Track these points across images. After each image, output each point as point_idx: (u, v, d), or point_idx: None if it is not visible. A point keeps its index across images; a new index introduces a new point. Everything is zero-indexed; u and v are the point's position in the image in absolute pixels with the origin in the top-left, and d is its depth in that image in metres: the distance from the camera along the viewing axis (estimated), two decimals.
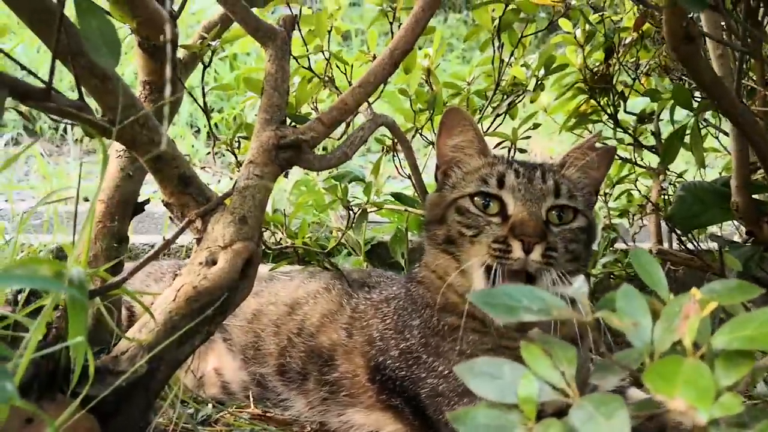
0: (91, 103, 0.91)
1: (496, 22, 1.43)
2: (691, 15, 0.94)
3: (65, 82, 3.59)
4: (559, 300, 0.64)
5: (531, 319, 0.62)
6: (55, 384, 0.85)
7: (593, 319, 0.63)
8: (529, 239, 1.12)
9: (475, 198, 1.19)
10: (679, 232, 1.71)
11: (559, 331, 1.13)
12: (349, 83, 1.44)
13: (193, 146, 3.93)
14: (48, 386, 0.84)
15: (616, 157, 1.95)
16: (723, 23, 1.31)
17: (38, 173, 3.24)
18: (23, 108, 0.86)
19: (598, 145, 1.28)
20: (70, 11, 0.76)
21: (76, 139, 3.74)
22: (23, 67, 0.77)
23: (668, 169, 1.92)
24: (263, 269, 1.52)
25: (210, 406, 1.26)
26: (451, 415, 0.60)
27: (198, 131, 3.94)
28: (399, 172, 1.52)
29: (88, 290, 0.83)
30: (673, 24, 0.90)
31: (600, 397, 0.57)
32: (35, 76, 0.79)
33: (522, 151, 1.55)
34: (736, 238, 2.12)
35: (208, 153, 2.27)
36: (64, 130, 3.80)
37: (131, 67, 3.62)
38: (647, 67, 1.87)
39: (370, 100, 1.27)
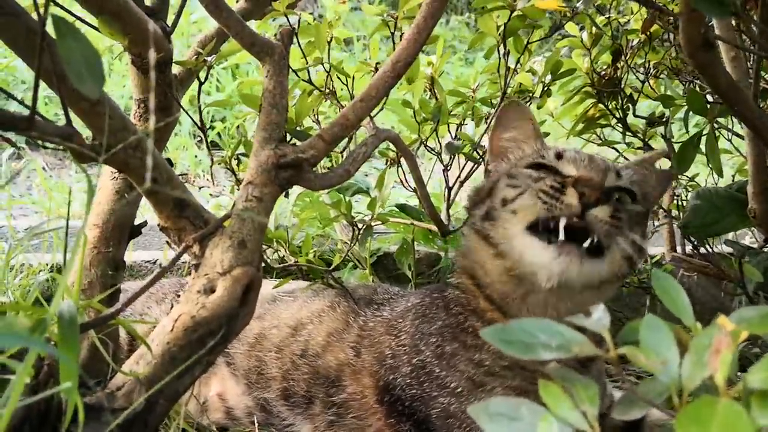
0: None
1: (501, 29, 1.39)
2: (709, 21, 0.90)
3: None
4: (579, 335, 0.59)
5: (550, 357, 0.58)
6: (47, 425, 0.80)
7: (616, 355, 0.58)
8: (592, 192, 1.02)
9: (531, 168, 1.14)
10: (694, 240, 1.66)
11: None
12: (351, 95, 1.39)
13: (196, 156, 3.90)
14: (40, 428, 0.80)
15: (627, 161, 1.91)
16: (736, 24, 1.27)
17: (41, 187, 3.21)
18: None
19: (658, 165, 1.25)
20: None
21: None
22: (4, 92, 0.73)
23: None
24: (266, 287, 1.48)
25: None
26: None
27: (201, 141, 3.91)
28: (404, 186, 1.49)
29: (80, 324, 0.79)
30: (691, 31, 0.85)
31: None
32: (19, 101, 0.75)
33: None
34: (748, 240, 2.08)
35: (212, 165, 2.22)
36: None
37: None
38: (656, 69, 1.83)
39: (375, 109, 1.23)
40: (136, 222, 1.15)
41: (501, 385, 1.12)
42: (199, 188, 1.40)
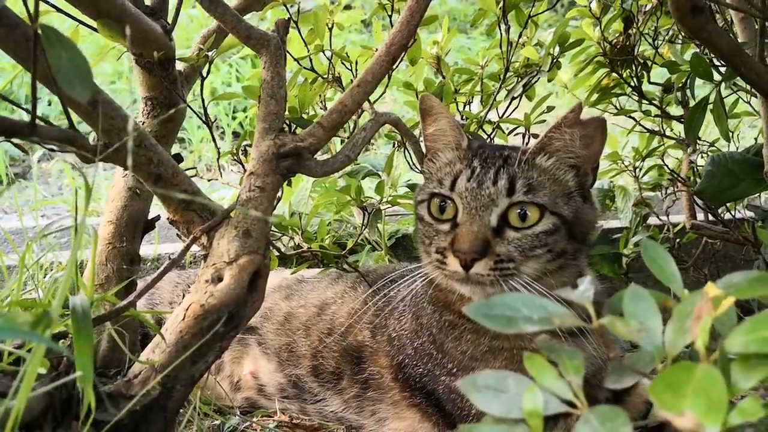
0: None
1: (501, 3, 1.38)
2: None
3: None
4: (560, 307, 0.61)
5: (532, 330, 0.59)
6: (70, 411, 0.85)
7: (598, 325, 0.59)
8: (465, 256, 1.08)
9: (432, 200, 1.16)
10: (711, 207, 1.64)
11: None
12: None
13: (218, 147, 3.94)
14: (64, 415, 0.85)
15: (643, 129, 1.88)
16: None
17: (71, 186, 3.30)
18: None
19: (586, 116, 1.15)
20: None
21: None
22: (5, 99, 0.77)
23: (699, 139, 1.83)
24: (284, 273, 1.53)
25: (236, 417, 1.26)
26: None
27: (223, 132, 3.97)
28: (411, 167, 1.50)
29: (95, 317, 0.83)
30: None
31: (606, 412, 0.54)
32: (21, 107, 0.78)
33: (536, 136, 1.50)
34: None
35: (219, 158, 2.26)
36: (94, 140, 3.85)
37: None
38: (669, 34, 1.79)
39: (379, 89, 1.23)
40: (150, 216, 1.19)
41: (485, 368, 1.16)
42: (209, 180, 1.42)
